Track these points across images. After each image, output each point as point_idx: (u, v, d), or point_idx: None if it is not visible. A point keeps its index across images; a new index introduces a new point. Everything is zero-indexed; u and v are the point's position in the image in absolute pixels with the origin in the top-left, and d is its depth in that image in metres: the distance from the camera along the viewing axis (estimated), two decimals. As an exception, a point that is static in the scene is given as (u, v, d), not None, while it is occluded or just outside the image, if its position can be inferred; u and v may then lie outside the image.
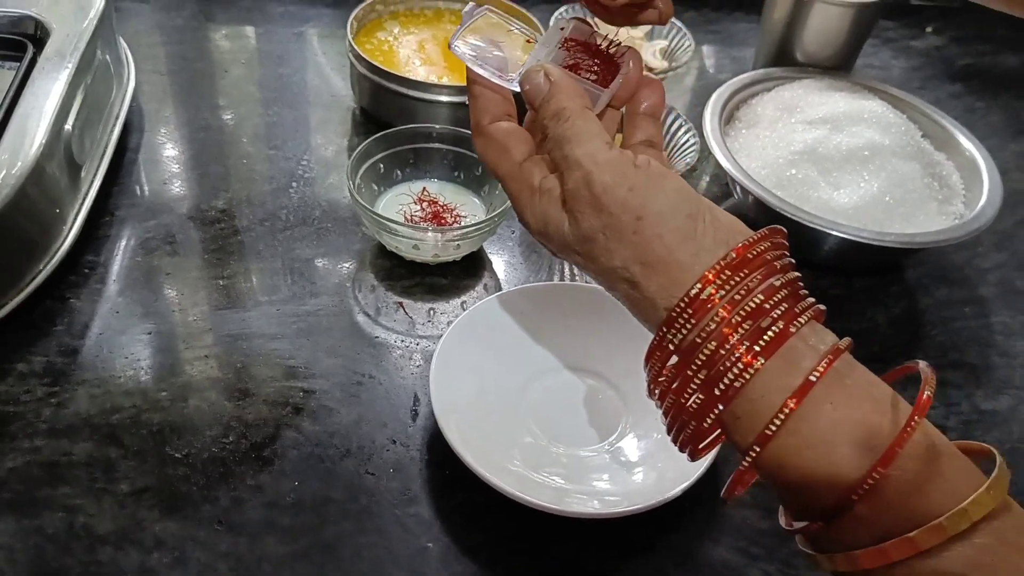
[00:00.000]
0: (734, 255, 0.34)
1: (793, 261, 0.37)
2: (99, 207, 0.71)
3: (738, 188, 0.77)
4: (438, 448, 0.57)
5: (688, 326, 0.34)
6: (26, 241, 0.61)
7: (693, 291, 0.34)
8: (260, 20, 0.99)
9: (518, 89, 0.40)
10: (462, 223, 0.71)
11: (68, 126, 0.65)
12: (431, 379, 0.57)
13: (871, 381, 0.35)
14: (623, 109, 0.42)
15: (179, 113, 0.85)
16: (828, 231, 0.69)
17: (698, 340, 0.34)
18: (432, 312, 0.68)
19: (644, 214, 0.35)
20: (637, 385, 0.61)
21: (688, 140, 0.77)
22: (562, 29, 0.42)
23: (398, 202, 0.73)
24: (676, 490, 0.52)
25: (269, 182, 0.78)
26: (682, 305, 0.34)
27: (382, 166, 0.74)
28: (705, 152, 0.76)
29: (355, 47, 0.81)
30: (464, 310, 0.65)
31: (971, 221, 0.72)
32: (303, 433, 0.58)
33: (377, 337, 0.66)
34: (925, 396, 0.33)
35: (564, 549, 0.54)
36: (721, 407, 0.34)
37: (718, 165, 0.75)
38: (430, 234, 0.67)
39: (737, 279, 0.34)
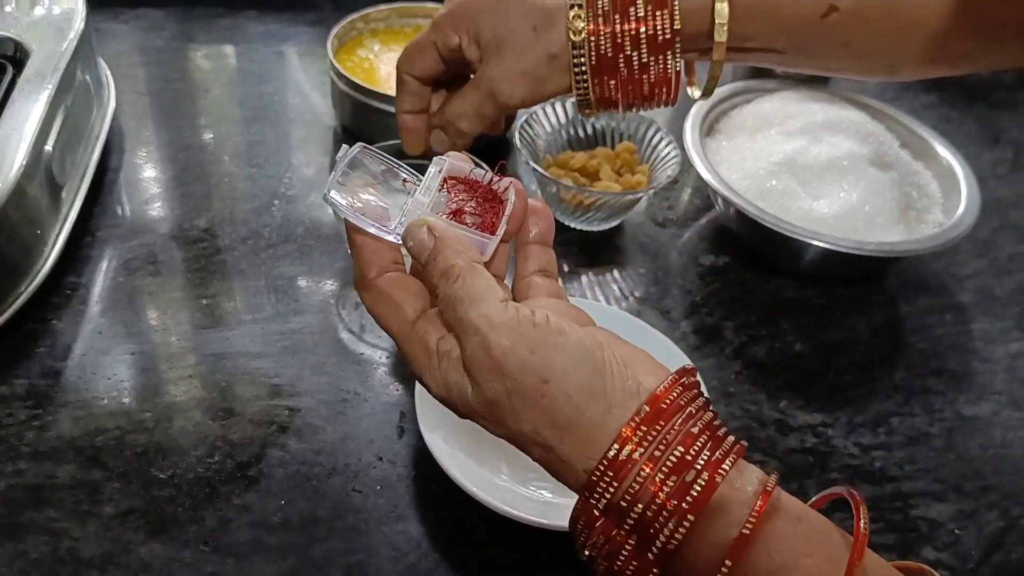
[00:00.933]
0: (647, 408, 0.33)
1: (706, 397, 0.36)
2: (80, 228, 0.70)
3: (719, 200, 0.78)
4: (425, 464, 0.57)
5: (612, 488, 0.33)
6: (7, 263, 0.61)
7: (611, 452, 0.33)
8: (240, 40, 0.99)
9: (400, 243, 0.39)
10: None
11: (48, 147, 0.64)
12: (416, 395, 0.57)
13: (800, 516, 0.34)
14: (511, 242, 0.42)
15: (160, 133, 0.85)
16: (809, 241, 0.70)
17: (624, 503, 0.33)
18: (417, 328, 0.68)
19: (549, 376, 0.33)
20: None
21: (669, 153, 0.77)
22: (439, 171, 0.40)
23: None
24: (664, 501, 0.52)
25: (251, 201, 0.78)
26: (602, 467, 0.33)
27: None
28: (686, 164, 0.77)
29: (336, 65, 0.82)
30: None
31: (950, 229, 0.73)
32: (289, 452, 0.58)
33: (362, 354, 0.65)
34: (862, 528, 0.34)
35: (553, 562, 0.54)
36: (656, 571, 0.33)
37: (699, 177, 0.76)
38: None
39: (654, 433, 0.33)
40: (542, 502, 0.55)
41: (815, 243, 0.70)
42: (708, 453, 0.33)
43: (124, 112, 0.86)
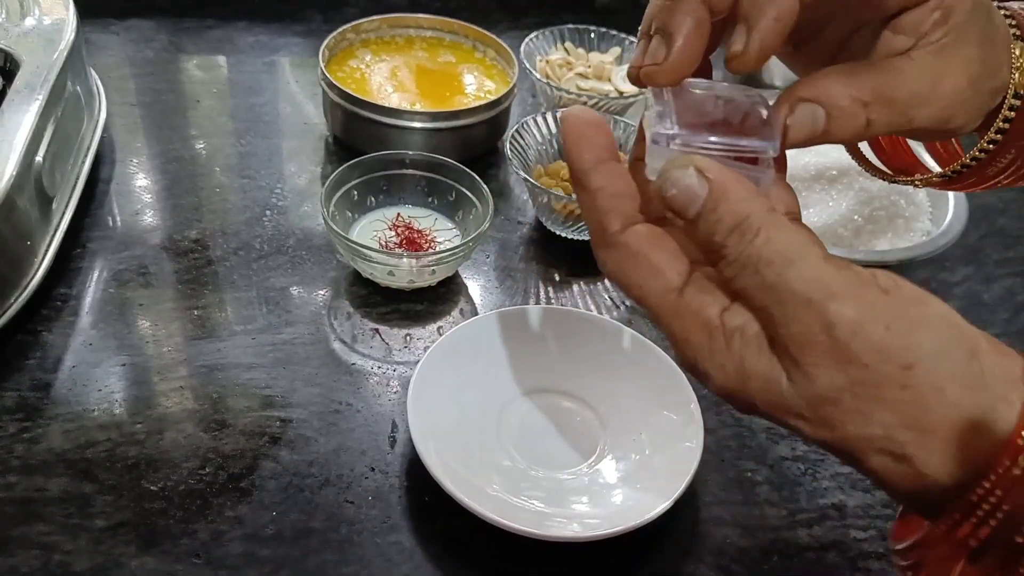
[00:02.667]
0: None
1: None
2: (71, 239, 0.70)
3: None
4: (417, 474, 0.57)
5: (997, 514, 0.25)
6: (-3, 276, 0.61)
7: (1002, 467, 0.24)
8: (231, 50, 0.99)
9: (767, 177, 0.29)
10: (437, 248, 0.72)
11: (39, 158, 0.64)
12: (408, 405, 0.57)
13: None
14: None
15: (151, 144, 0.85)
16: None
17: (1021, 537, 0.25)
18: (408, 338, 0.68)
19: (913, 361, 0.26)
20: (614, 407, 0.62)
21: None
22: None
23: (372, 228, 0.74)
24: (656, 511, 0.53)
25: (242, 212, 0.78)
26: (987, 486, 0.25)
27: (356, 193, 0.74)
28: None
29: (327, 75, 0.82)
30: (440, 335, 0.65)
31: (938, 237, 0.73)
32: (281, 463, 0.58)
33: (354, 364, 0.65)
34: None
35: (545, 573, 0.54)
36: None
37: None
38: (405, 260, 0.68)
39: None
40: (534, 512, 0.55)
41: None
42: None
43: (115, 123, 0.86)
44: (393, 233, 0.73)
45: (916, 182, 0.43)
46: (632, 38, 0.96)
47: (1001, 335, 0.75)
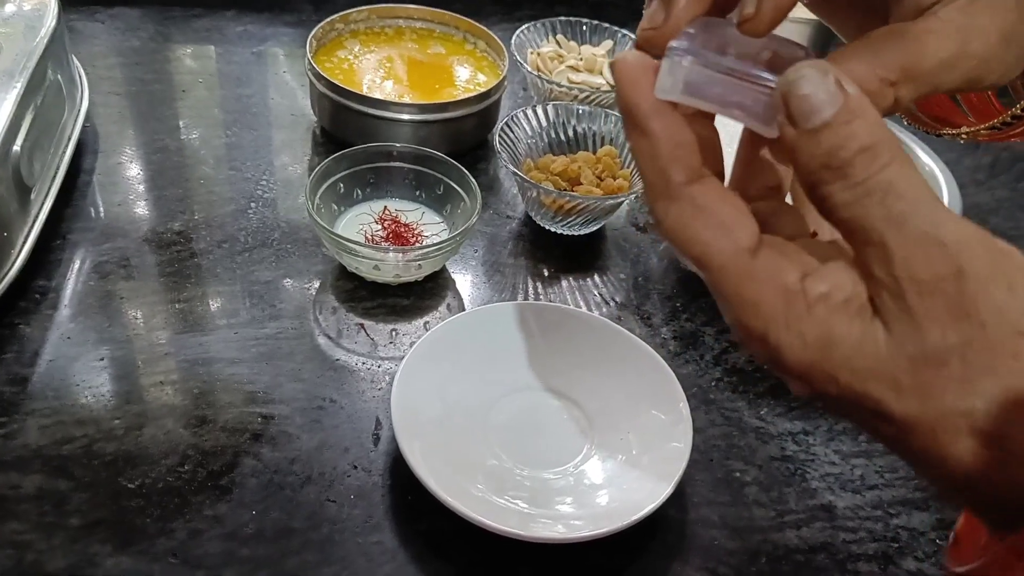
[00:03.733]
0: None
1: None
2: (51, 230, 0.69)
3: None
4: (401, 473, 0.56)
5: None
6: (-27, 267, 0.59)
7: None
8: (219, 40, 0.98)
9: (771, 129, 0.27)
10: (423, 242, 0.71)
11: (16, 147, 0.63)
12: (392, 402, 0.56)
13: None
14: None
15: (136, 134, 0.83)
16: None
17: None
18: (394, 333, 0.67)
19: None
20: (602, 405, 0.61)
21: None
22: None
23: (359, 222, 0.73)
24: (642, 512, 0.52)
25: (228, 204, 0.76)
26: None
27: (342, 186, 0.73)
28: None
29: (315, 66, 0.81)
30: (427, 331, 0.64)
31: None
32: (262, 460, 0.57)
33: (338, 360, 0.64)
34: None
35: (530, 574, 0.53)
36: None
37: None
38: (391, 254, 0.66)
39: None
40: (519, 512, 0.54)
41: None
42: None
43: (99, 113, 0.84)
44: (379, 227, 0.72)
45: (962, 135, 0.39)
46: (625, 31, 0.95)
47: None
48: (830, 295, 0.25)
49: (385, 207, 0.74)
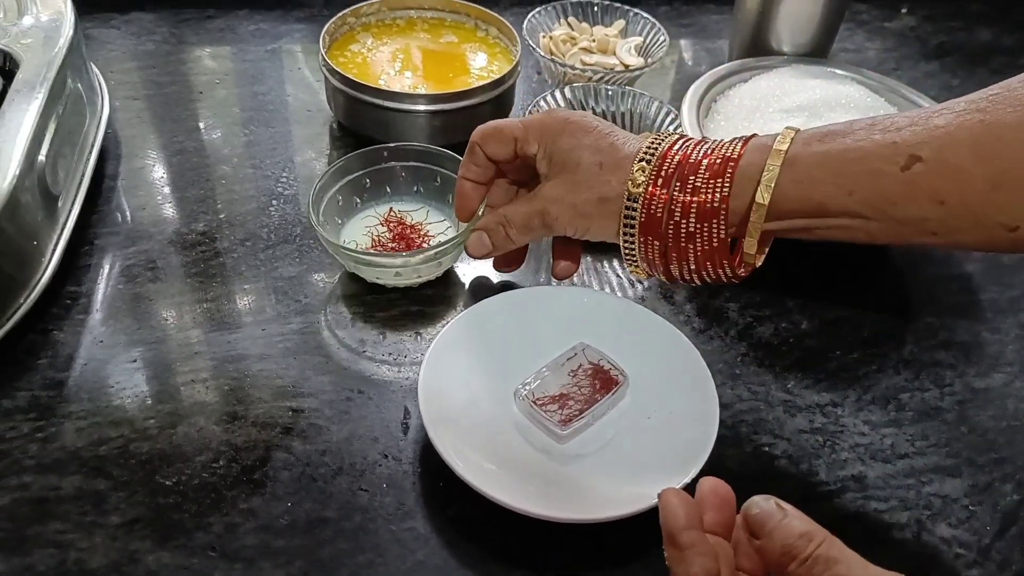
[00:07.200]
0: None
1: None
2: (78, 237, 0.70)
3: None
4: (430, 460, 0.57)
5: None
6: (3, 276, 0.60)
7: None
8: (233, 40, 0.99)
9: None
10: (432, 239, 0.71)
11: (41, 157, 0.64)
12: (420, 390, 0.57)
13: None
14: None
15: (156, 137, 0.85)
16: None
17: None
18: (420, 322, 0.68)
19: None
20: (627, 386, 0.61)
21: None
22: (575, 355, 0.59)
23: (362, 227, 0.72)
24: (671, 489, 0.52)
25: (249, 202, 0.77)
26: None
27: (340, 198, 0.72)
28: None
29: (328, 61, 0.81)
30: (450, 319, 0.64)
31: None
32: (294, 453, 0.58)
33: (365, 352, 0.65)
34: None
35: (561, 556, 0.54)
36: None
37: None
38: (414, 259, 0.66)
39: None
40: (547, 495, 0.54)
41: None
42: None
43: (119, 118, 0.85)
44: (385, 229, 0.72)
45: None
46: (637, 10, 0.95)
47: (1022, 298, 0.74)
48: None
49: (391, 209, 0.74)
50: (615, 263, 0.74)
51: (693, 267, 0.55)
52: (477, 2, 0.92)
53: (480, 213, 0.65)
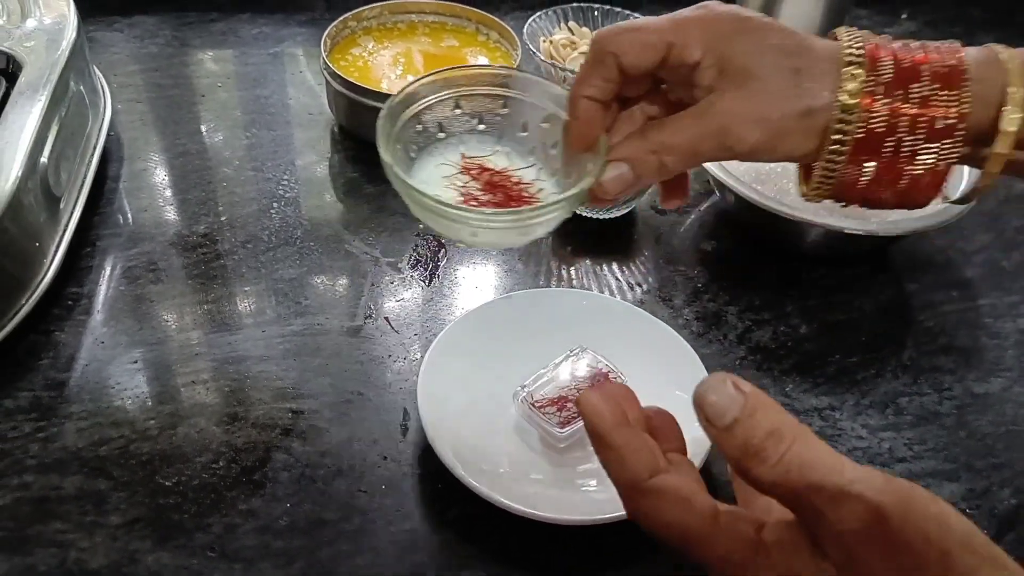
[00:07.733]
0: None
1: None
2: (80, 238, 0.71)
3: (718, 185, 0.77)
4: (429, 462, 0.57)
5: None
6: (6, 276, 0.61)
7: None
8: (235, 43, 0.99)
9: None
10: (529, 185, 0.50)
11: (44, 159, 0.64)
12: (419, 392, 0.57)
13: None
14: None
15: (158, 140, 0.85)
16: (811, 222, 0.69)
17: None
18: (419, 324, 0.68)
19: (950, 546, 0.28)
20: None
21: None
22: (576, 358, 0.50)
23: (440, 174, 0.51)
24: (669, 491, 0.52)
25: (250, 204, 0.78)
26: None
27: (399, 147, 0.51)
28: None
29: (329, 65, 0.81)
30: (449, 321, 0.64)
31: (954, 205, 0.72)
32: (294, 454, 0.58)
33: (364, 354, 0.65)
34: None
35: (560, 558, 0.54)
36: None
37: (698, 163, 0.75)
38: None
39: None
40: (547, 496, 0.54)
41: (818, 223, 0.69)
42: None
43: (121, 120, 0.86)
44: (468, 178, 0.51)
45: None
46: (637, 15, 0.95)
47: (1021, 304, 0.74)
48: (782, 541, 0.30)
49: (462, 154, 0.52)
50: (615, 266, 0.75)
51: (902, 189, 0.46)
52: (478, 6, 0.92)
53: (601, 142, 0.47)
